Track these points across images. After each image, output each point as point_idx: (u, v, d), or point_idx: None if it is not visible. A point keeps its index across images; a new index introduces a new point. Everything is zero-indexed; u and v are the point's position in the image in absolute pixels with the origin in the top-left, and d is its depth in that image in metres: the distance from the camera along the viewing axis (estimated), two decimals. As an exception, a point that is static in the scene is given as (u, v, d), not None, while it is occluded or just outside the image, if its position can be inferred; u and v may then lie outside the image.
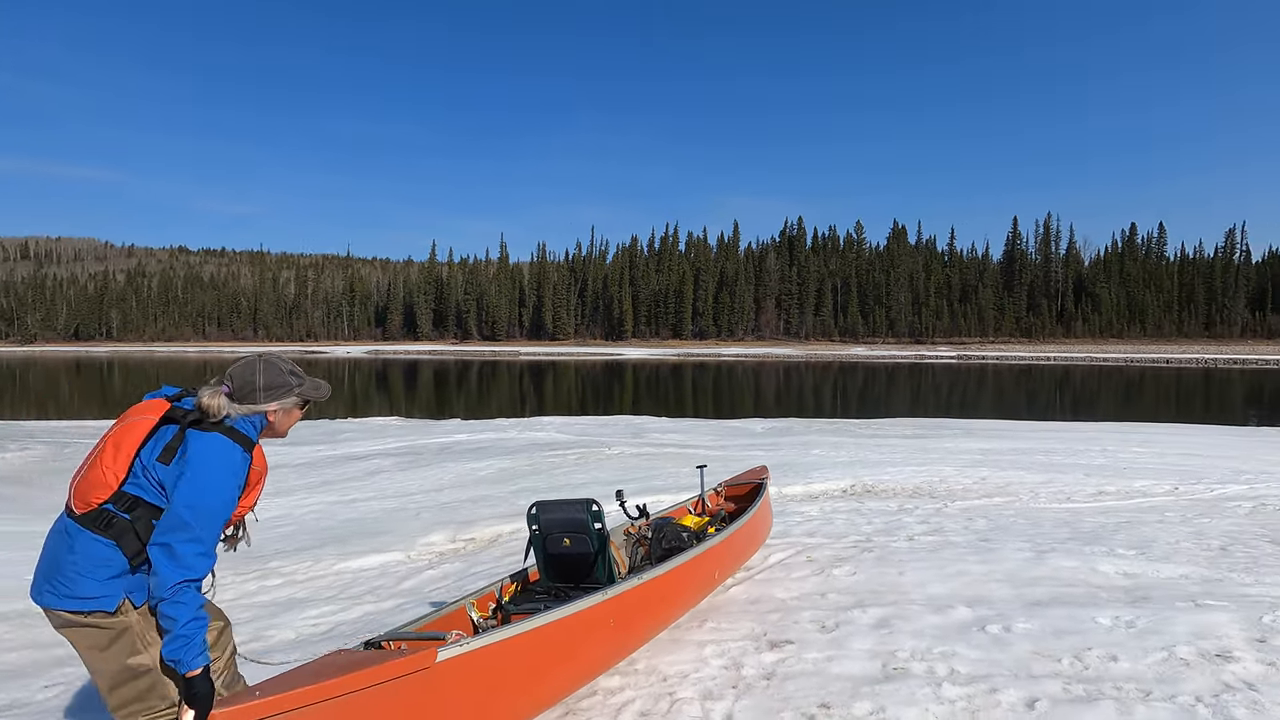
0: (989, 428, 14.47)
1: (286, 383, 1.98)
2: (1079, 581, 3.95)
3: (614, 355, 78.89)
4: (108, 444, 1.81)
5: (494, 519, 6.32)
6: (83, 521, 1.78)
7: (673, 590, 3.20)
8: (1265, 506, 6.44)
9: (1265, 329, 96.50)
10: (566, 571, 3.22)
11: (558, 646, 2.45)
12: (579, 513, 3.12)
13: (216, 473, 1.80)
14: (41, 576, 1.81)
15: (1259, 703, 2.53)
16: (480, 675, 2.12)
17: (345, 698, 1.73)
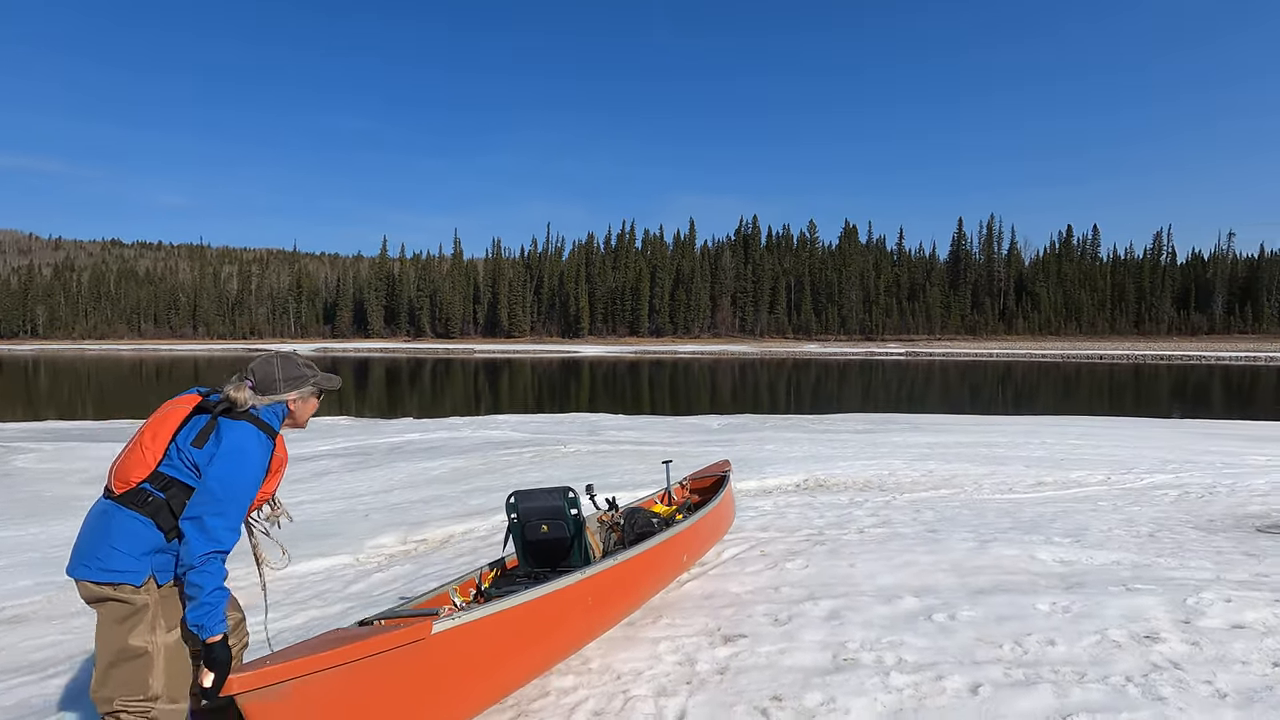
0: (936, 422, 14.90)
1: (303, 374, 2.20)
2: (1019, 569, 4.09)
3: (571, 353, 78.51)
4: (146, 430, 2.01)
5: (446, 519, 6.20)
6: (121, 500, 1.94)
7: (645, 571, 3.35)
8: (1189, 494, 6.79)
9: (1189, 326, 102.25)
10: (545, 557, 3.37)
11: (541, 621, 2.59)
12: (556, 500, 3.29)
13: (245, 456, 1.98)
14: (78, 553, 1.95)
15: (1184, 680, 2.66)
16: (471, 646, 2.27)
17: (350, 665, 1.88)
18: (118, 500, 1.95)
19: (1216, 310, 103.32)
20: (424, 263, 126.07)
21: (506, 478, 8.37)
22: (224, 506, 1.92)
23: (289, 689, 1.76)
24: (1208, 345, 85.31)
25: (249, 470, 1.99)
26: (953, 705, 2.52)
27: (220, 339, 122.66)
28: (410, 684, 2.06)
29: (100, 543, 1.92)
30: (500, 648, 2.41)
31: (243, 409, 2.05)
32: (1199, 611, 3.33)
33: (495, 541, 5.41)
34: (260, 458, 2.02)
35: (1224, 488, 7.08)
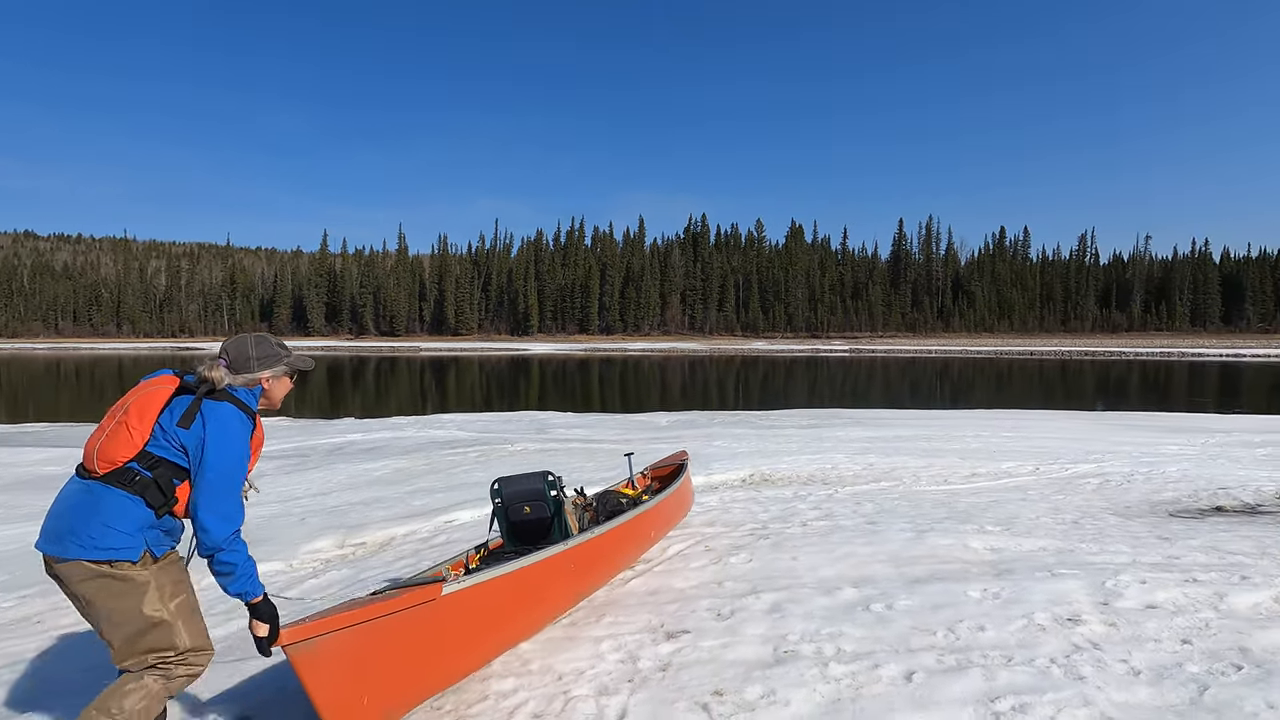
0: (877, 416, 15.32)
1: (276, 353, 2.25)
2: (953, 558, 4.23)
3: (520, 351, 77.70)
4: (131, 410, 2.02)
5: (387, 521, 6.03)
6: (108, 479, 1.98)
7: (618, 543, 3.80)
8: (1109, 482, 7.16)
9: (1110, 324, 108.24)
10: (528, 536, 3.71)
11: (533, 585, 3.01)
12: (537, 483, 3.67)
13: (232, 438, 2.06)
14: (61, 532, 1.97)
15: (1102, 660, 2.79)
16: (474, 606, 2.64)
17: (375, 621, 2.21)
18: (103, 480, 1.99)
19: (1135, 308, 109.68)
20: (367, 259, 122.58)
21: (451, 478, 8.20)
22: (226, 491, 2.03)
23: (326, 641, 2.09)
24: (1127, 341, 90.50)
25: (237, 450, 2.07)
26: (888, 693, 2.58)
27: (147, 337, 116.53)
28: (424, 638, 2.41)
29: (90, 521, 1.96)
30: (499, 607, 2.81)
31: (219, 389, 2.11)
32: (1117, 593, 3.50)
33: (438, 543, 5.31)
34: (244, 437, 2.11)
35: (1141, 475, 7.50)
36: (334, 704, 2.10)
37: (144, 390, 2.09)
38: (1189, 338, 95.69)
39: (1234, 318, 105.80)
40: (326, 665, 2.09)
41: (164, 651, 2.03)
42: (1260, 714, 2.37)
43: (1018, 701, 2.48)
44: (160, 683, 2.04)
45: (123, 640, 2.00)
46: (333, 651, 2.10)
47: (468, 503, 6.51)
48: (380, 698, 2.27)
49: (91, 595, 1.98)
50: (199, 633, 2.11)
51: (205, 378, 2.11)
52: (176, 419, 2.04)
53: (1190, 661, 2.76)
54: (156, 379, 2.13)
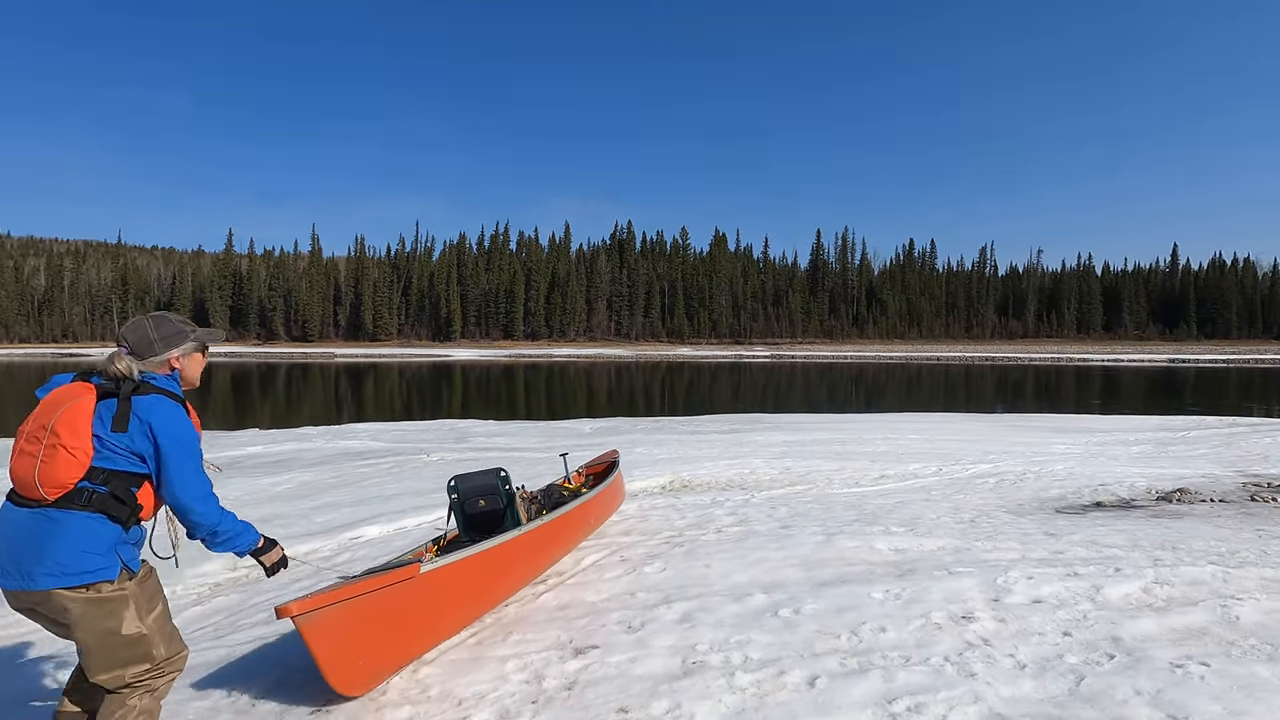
0: (795, 421, 15.75)
1: (180, 330, 2.17)
2: (860, 560, 4.35)
3: (441, 357, 75.68)
4: (59, 429, 1.90)
5: (286, 540, 5.65)
6: (62, 504, 1.90)
7: (565, 528, 4.29)
8: (1004, 481, 7.60)
9: (1008, 331, 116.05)
10: (482, 527, 4.05)
11: (496, 564, 3.44)
12: (490, 479, 4.08)
13: (179, 421, 2.02)
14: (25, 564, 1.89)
15: (992, 656, 2.91)
16: (447, 582, 3.06)
17: (365, 595, 2.62)
18: (57, 505, 1.91)
19: (1029, 317, 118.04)
20: (277, 260, 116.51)
21: (360, 491, 7.83)
22: (194, 472, 2.03)
23: (325, 613, 2.47)
24: (1022, 348, 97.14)
25: (187, 431, 2.04)
26: (791, 700, 2.60)
27: (24, 343, 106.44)
28: (405, 610, 2.81)
29: (58, 549, 1.89)
30: (468, 583, 3.25)
31: (133, 378, 2.03)
32: (1006, 590, 3.68)
33: (340, 562, 5.06)
34: (187, 418, 2.07)
35: (1032, 474, 7.99)
36: (334, 666, 2.52)
37: (63, 404, 1.95)
38: (1075, 344, 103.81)
39: (1114, 325, 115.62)
40: (327, 633, 2.48)
41: (142, 666, 2.02)
42: (1129, 701, 2.52)
43: (913, 702, 2.55)
44: (147, 698, 2.06)
45: (102, 662, 1.98)
46: (331, 622, 2.50)
47: (378, 518, 6.22)
48: (371, 660, 2.70)
49: (72, 621, 1.94)
50: (173, 638, 2.13)
51: (118, 373, 2.01)
52: (109, 425, 1.95)
53: (1070, 653, 2.92)
54: (67, 388, 2.00)
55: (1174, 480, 7.55)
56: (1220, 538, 4.92)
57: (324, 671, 2.50)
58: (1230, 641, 3.02)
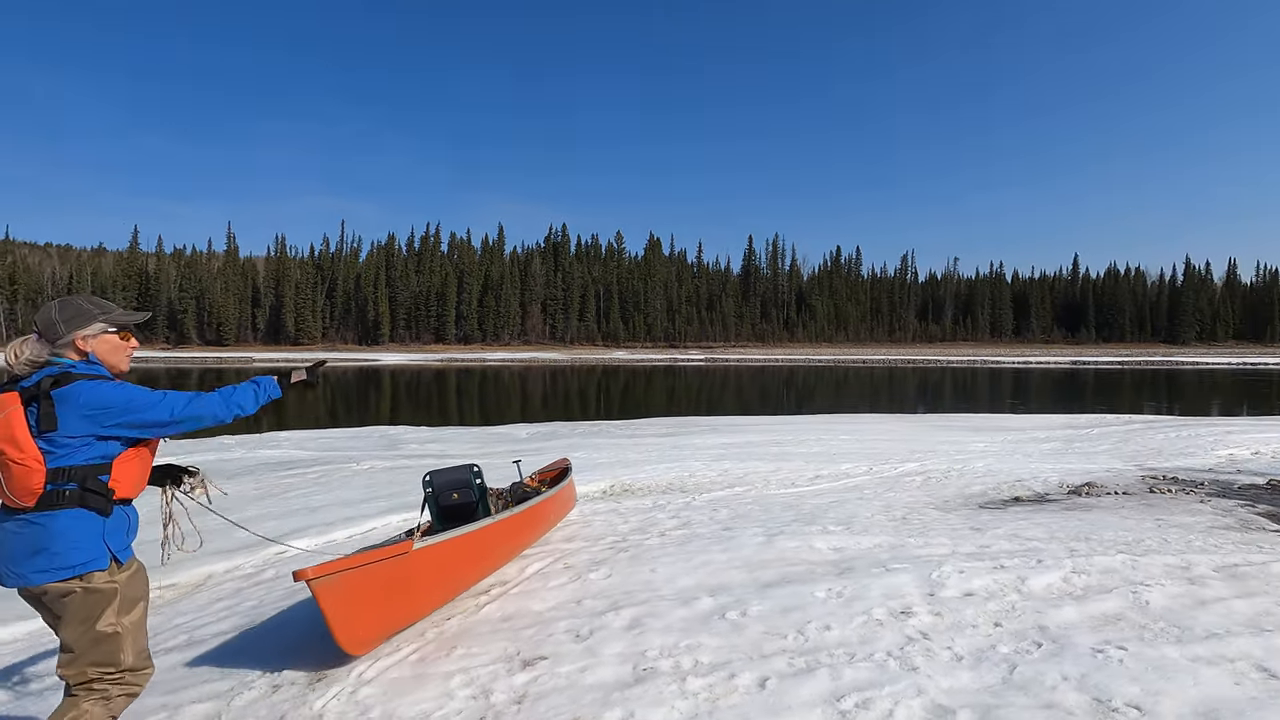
0: (731, 423, 16.00)
1: (85, 310, 2.10)
2: (801, 560, 4.43)
3: (369, 361, 73.15)
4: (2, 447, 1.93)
5: (203, 557, 5.30)
6: (42, 507, 1.94)
7: (532, 519, 4.73)
8: (931, 479, 7.93)
9: (928, 335, 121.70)
10: (455, 518, 4.43)
11: (474, 547, 3.86)
12: (464, 474, 4.54)
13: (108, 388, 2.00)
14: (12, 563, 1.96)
15: (931, 649, 3.01)
16: (435, 560, 3.45)
17: (367, 566, 3.02)
18: (38, 509, 1.96)
19: (947, 322, 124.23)
20: (188, 259, 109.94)
21: (285, 503, 7.44)
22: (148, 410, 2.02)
23: (335, 579, 2.87)
24: (941, 351, 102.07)
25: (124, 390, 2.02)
26: (743, 702, 2.61)
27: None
28: (400, 581, 3.21)
29: (48, 546, 1.95)
30: (451, 562, 3.65)
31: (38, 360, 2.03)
32: (940, 584, 3.83)
33: (265, 579, 4.79)
34: (118, 385, 2.04)
35: (955, 472, 8.38)
36: (340, 625, 2.89)
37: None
38: (988, 347, 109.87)
39: (1022, 330, 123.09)
40: (336, 596, 2.86)
41: (106, 668, 2.05)
42: (1058, 686, 2.66)
43: (861, 698, 2.61)
44: (99, 707, 2.05)
45: (73, 651, 2.03)
46: (339, 586, 2.88)
47: (305, 530, 5.93)
48: (371, 623, 3.08)
49: (63, 613, 2.02)
50: (141, 651, 2.14)
51: (22, 356, 2.03)
52: (40, 428, 1.95)
53: (1001, 643, 3.06)
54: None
55: (1082, 475, 8.07)
56: (1126, 528, 5.28)
57: (332, 629, 2.87)
58: (1143, 625, 3.23)
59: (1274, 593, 3.63)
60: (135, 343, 2.23)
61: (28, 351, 2.04)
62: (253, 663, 3.18)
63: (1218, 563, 4.16)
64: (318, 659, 3.14)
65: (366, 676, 2.95)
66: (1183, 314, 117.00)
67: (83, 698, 2.04)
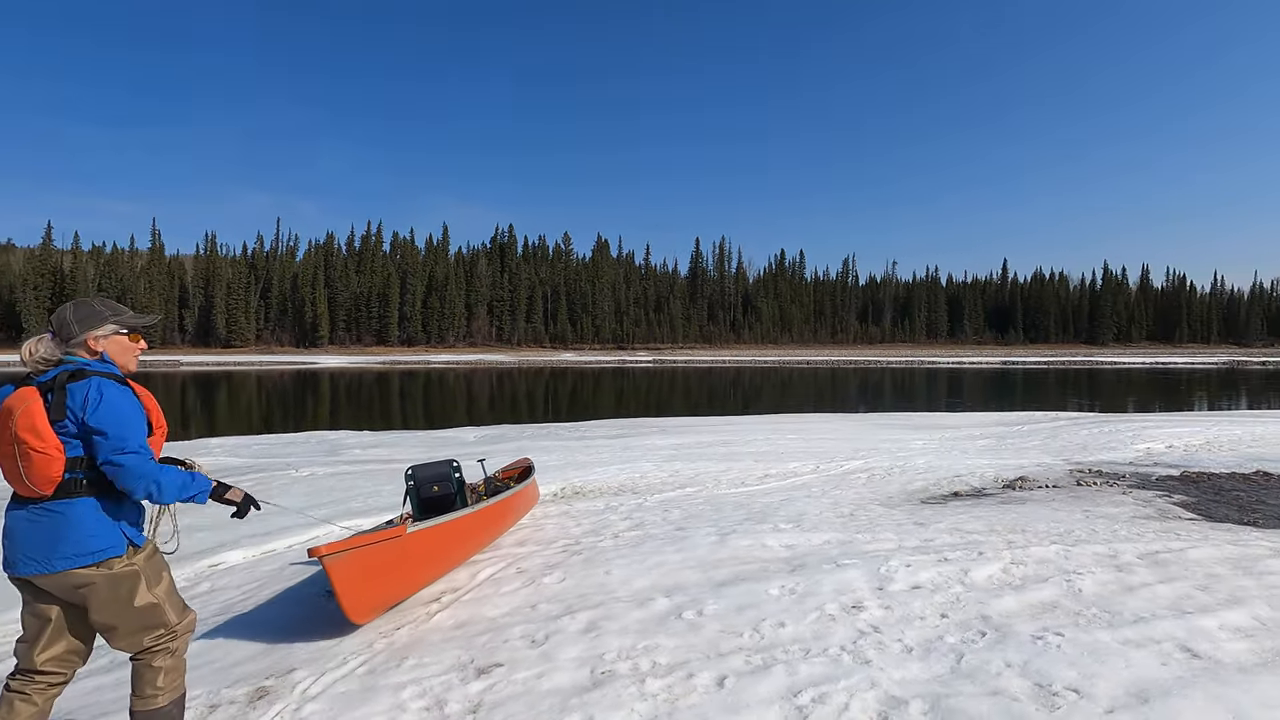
0: (680, 424, 16.09)
1: (98, 312, 2.21)
2: (754, 558, 4.48)
3: (307, 364, 70.63)
4: (20, 435, 2.02)
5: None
6: (60, 495, 2.06)
7: (506, 509, 5.13)
8: (875, 476, 8.15)
9: (868, 336, 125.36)
10: (435, 509, 4.84)
11: (458, 532, 4.25)
12: (444, 469, 4.96)
13: (119, 397, 2.09)
14: (40, 551, 2.05)
15: (882, 642, 3.09)
16: (426, 542, 3.85)
17: (369, 546, 3.40)
18: (55, 498, 2.06)
19: (886, 324, 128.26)
20: (108, 257, 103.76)
21: (217, 513, 7.07)
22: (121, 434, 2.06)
23: (344, 556, 3.25)
24: (880, 352, 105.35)
25: (118, 403, 2.09)
26: (702, 702, 2.61)
27: None
28: (397, 560, 3.60)
29: (69, 533, 2.06)
30: (438, 545, 4.01)
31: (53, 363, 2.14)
32: (889, 578, 3.93)
33: (200, 593, 4.57)
34: (120, 393, 2.11)
35: (898, 469, 8.63)
36: (347, 595, 3.27)
37: (15, 412, 2.06)
38: (925, 348, 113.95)
39: (956, 331, 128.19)
40: (344, 571, 3.25)
41: (158, 630, 2.22)
42: (1002, 673, 2.76)
43: (817, 693, 2.64)
44: (170, 658, 2.25)
45: (123, 632, 2.17)
46: (347, 562, 3.27)
47: (241, 541, 5.66)
48: (372, 594, 3.46)
49: (90, 600, 2.10)
50: (180, 606, 2.32)
51: (43, 360, 2.14)
52: (52, 417, 2.06)
53: (948, 634, 3.16)
54: (13, 396, 2.10)
55: (1015, 470, 8.44)
56: (1058, 519, 5.55)
57: (340, 598, 3.25)
58: (1077, 612, 3.39)
59: (1192, 577, 3.86)
60: (144, 344, 2.35)
61: (41, 350, 2.15)
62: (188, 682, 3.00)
63: (1141, 550, 4.41)
64: (258, 675, 3.00)
65: (311, 692, 2.83)
66: (1102, 316, 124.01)
67: (150, 659, 2.23)
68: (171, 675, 2.26)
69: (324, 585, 4.25)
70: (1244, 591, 3.62)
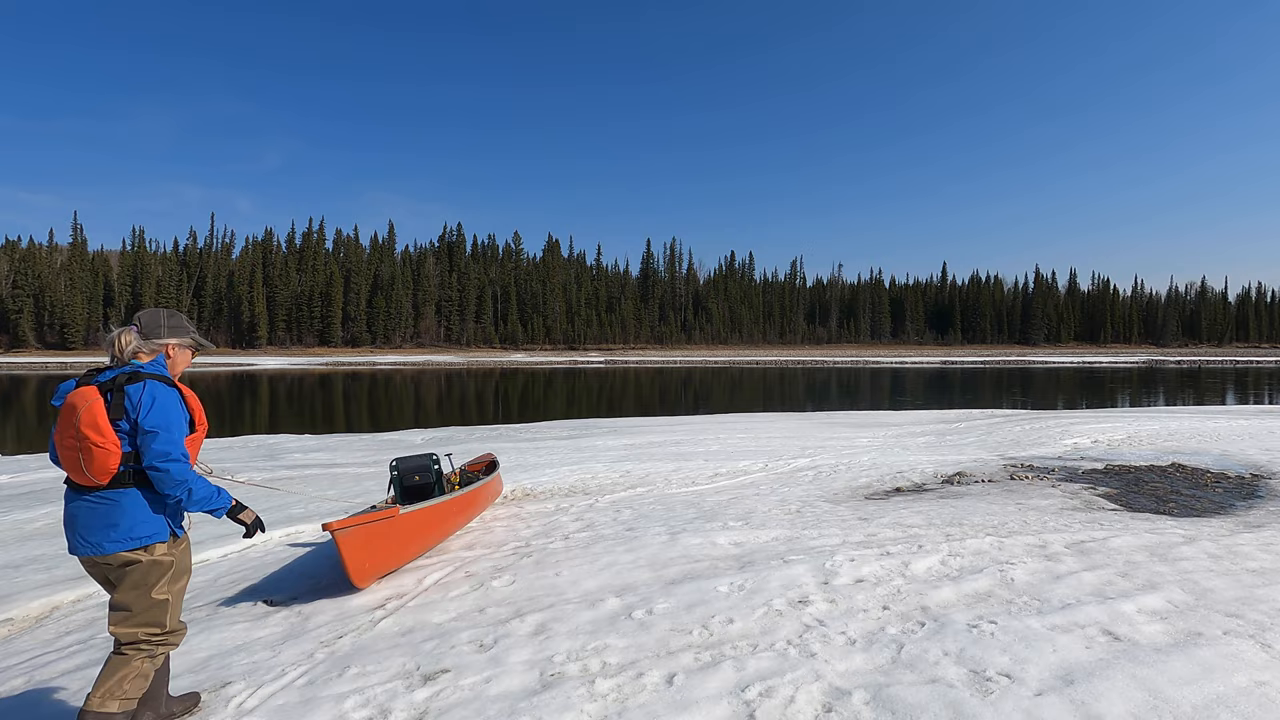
0: (631, 425, 16.13)
1: (185, 326, 2.58)
2: (704, 556, 4.53)
3: (245, 366, 67.88)
4: (83, 431, 2.27)
5: (47, 587, 4.73)
6: (114, 485, 2.35)
7: (478, 496, 5.75)
8: (821, 474, 8.33)
9: (815, 337, 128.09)
10: (416, 496, 5.61)
11: (440, 515, 4.88)
12: (425, 461, 5.71)
13: (168, 400, 2.36)
14: (88, 535, 2.36)
15: (828, 635, 3.16)
16: (415, 522, 4.49)
17: (372, 524, 4.06)
18: (110, 487, 2.34)
19: (832, 324, 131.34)
20: (24, 252, 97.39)
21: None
22: (170, 439, 2.33)
23: (352, 530, 3.93)
24: (827, 352, 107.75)
25: (170, 406, 2.37)
26: (652, 700, 2.63)
27: None
28: (391, 536, 4.23)
29: (114, 521, 2.34)
30: (424, 525, 4.64)
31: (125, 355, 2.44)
32: (834, 573, 4.02)
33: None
34: (170, 397, 2.39)
35: (843, 466, 8.85)
36: (352, 564, 3.93)
37: (79, 410, 2.29)
38: (869, 349, 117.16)
39: (899, 332, 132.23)
40: (351, 543, 3.91)
41: (153, 629, 2.43)
42: (940, 662, 2.86)
43: (764, 687, 2.69)
44: (147, 663, 2.43)
45: (130, 616, 2.40)
46: (354, 537, 3.92)
47: (170, 551, 5.39)
48: (372, 563, 4.10)
49: (122, 578, 2.39)
50: (178, 616, 2.52)
51: (119, 343, 2.44)
52: (112, 415, 2.31)
53: (890, 625, 3.26)
54: (76, 394, 2.33)
55: (953, 465, 8.76)
56: (992, 512, 5.78)
57: (346, 566, 3.91)
58: (1009, 600, 3.54)
59: (1114, 564, 4.08)
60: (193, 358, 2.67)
61: (132, 342, 2.45)
62: (111, 701, 2.85)
63: (1068, 540, 4.64)
64: (192, 688, 2.87)
65: (247, 705, 2.73)
66: (1034, 318, 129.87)
67: (131, 655, 2.40)
68: (137, 683, 2.39)
69: (263, 596, 4.15)
70: (1160, 577, 3.84)
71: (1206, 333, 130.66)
